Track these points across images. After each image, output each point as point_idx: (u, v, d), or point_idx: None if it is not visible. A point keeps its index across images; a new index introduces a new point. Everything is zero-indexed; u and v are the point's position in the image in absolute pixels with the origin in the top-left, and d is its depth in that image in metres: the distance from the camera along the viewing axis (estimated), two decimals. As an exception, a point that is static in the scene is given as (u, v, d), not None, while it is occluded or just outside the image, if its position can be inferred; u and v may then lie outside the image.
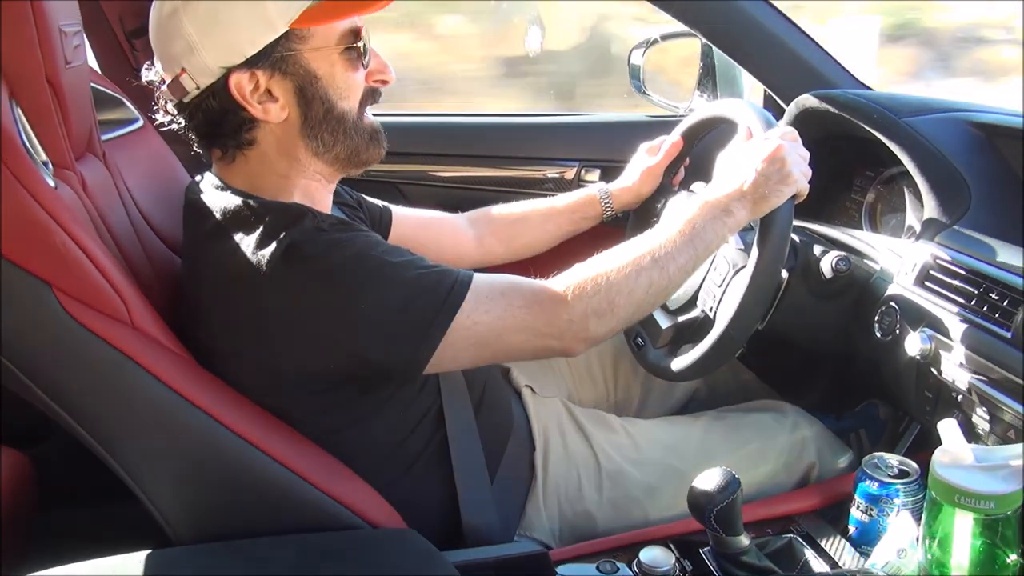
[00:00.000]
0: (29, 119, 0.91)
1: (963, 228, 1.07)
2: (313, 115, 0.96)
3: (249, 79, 0.92)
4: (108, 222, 0.99)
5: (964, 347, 0.96)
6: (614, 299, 0.95)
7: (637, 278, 0.96)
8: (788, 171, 0.99)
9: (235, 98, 0.93)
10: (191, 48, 0.91)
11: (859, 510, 0.97)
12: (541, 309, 0.94)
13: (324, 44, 0.95)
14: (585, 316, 0.94)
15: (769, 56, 1.42)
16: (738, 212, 1.00)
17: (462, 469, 1.04)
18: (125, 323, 0.87)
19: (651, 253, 0.97)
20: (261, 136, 0.97)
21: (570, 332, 0.95)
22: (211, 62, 0.92)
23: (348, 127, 0.98)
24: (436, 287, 0.91)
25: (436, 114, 2.42)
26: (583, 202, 1.36)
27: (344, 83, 0.97)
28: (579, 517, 1.12)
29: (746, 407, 1.31)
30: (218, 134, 0.97)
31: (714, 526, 0.88)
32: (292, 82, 0.94)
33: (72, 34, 0.98)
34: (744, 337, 1.05)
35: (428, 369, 0.92)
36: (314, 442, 0.95)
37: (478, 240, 1.35)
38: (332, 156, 0.99)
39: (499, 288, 0.94)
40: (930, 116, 1.16)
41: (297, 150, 0.98)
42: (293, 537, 0.88)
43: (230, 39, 0.91)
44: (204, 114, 0.95)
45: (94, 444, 0.88)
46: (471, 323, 0.91)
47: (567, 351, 0.97)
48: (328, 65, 0.95)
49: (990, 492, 0.76)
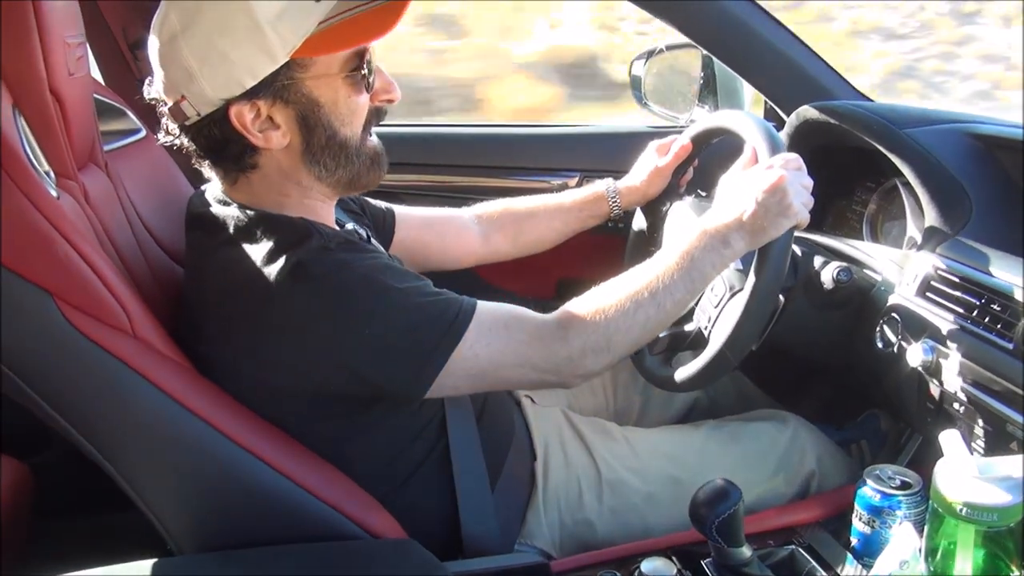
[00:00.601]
0: (32, 129, 0.92)
1: (964, 239, 1.07)
2: (315, 142, 0.95)
3: (250, 108, 0.91)
4: (110, 232, 1.00)
5: (965, 358, 0.96)
6: (612, 336, 0.96)
7: (635, 315, 0.97)
8: (788, 203, 0.98)
9: (236, 127, 0.92)
10: (190, 77, 0.89)
11: (861, 521, 0.96)
12: (541, 345, 0.95)
13: (327, 72, 0.93)
14: (583, 354, 0.96)
15: (770, 67, 1.42)
16: (736, 243, 0.99)
17: (463, 479, 1.04)
18: (126, 333, 0.87)
19: (648, 287, 0.98)
20: (263, 161, 0.96)
21: (568, 368, 0.96)
22: (211, 92, 0.90)
23: (350, 152, 0.97)
24: (441, 316, 0.91)
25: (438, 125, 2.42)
26: (591, 200, 1.35)
27: (347, 108, 0.95)
28: (579, 526, 1.12)
29: (747, 417, 1.31)
30: (220, 158, 0.96)
31: (716, 537, 0.88)
32: (294, 110, 0.93)
33: (75, 45, 0.99)
34: (738, 358, 1.05)
35: (427, 395, 0.93)
36: (314, 452, 0.95)
37: (484, 237, 1.35)
38: (334, 180, 0.99)
39: (502, 320, 0.95)
40: (930, 127, 1.16)
41: (299, 174, 0.97)
42: (293, 547, 0.88)
43: (229, 69, 0.88)
44: (205, 139, 0.94)
45: (94, 453, 0.88)
46: (472, 355, 0.92)
47: (563, 385, 1.00)
48: (331, 92, 0.94)
49: (992, 504, 0.75)
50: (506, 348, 0.94)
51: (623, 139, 1.72)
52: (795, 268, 1.14)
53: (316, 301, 0.88)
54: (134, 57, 1.61)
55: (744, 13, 1.39)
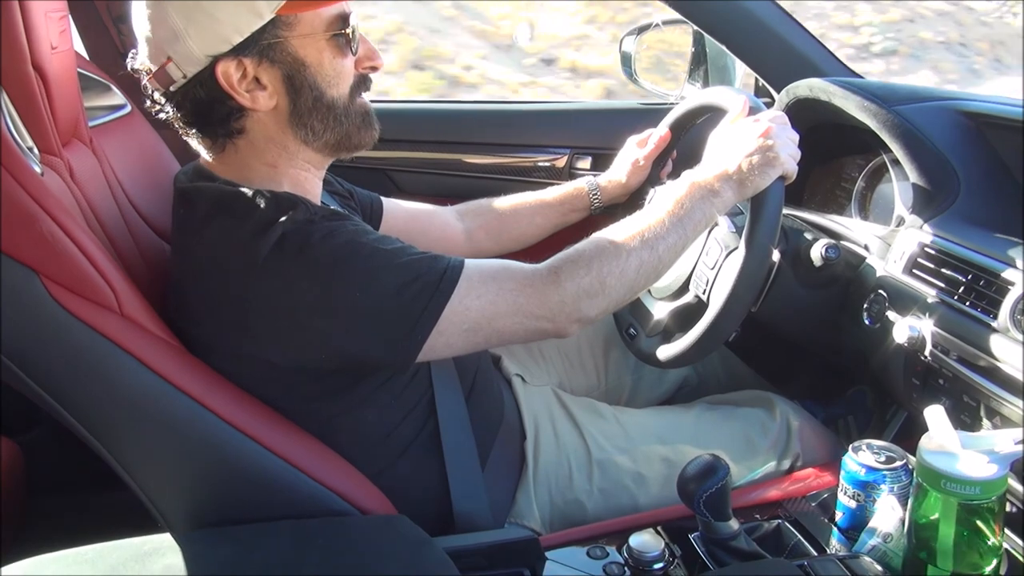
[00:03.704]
0: (15, 105, 0.91)
1: (952, 216, 1.07)
2: (302, 103, 0.95)
3: (236, 67, 0.91)
4: (95, 209, 0.99)
5: (951, 335, 0.97)
6: (605, 279, 0.95)
7: (628, 258, 0.97)
8: (775, 152, 1.00)
9: (222, 87, 0.92)
10: (176, 36, 0.90)
11: (846, 496, 0.97)
12: (533, 291, 0.94)
13: (311, 31, 0.93)
14: (577, 297, 0.95)
15: (760, 44, 1.42)
16: (725, 192, 1.01)
17: (453, 457, 1.04)
18: (113, 311, 0.87)
19: (640, 234, 0.98)
20: (250, 125, 0.96)
21: (562, 313, 0.95)
22: (197, 50, 0.90)
23: (338, 113, 0.98)
24: (428, 273, 0.91)
25: (427, 101, 2.40)
26: (571, 195, 1.36)
27: (333, 70, 0.96)
28: (569, 505, 1.13)
29: (735, 396, 1.32)
30: (206, 123, 0.96)
31: (703, 511, 0.89)
32: (280, 70, 0.93)
33: (58, 19, 0.97)
34: (738, 319, 1.05)
35: (421, 356, 0.92)
36: (304, 429, 0.95)
37: (467, 233, 1.35)
38: (322, 143, 0.99)
39: (490, 272, 0.95)
40: (920, 104, 1.16)
41: (286, 138, 0.97)
42: (283, 523, 0.88)
43: (216, 27, 0.89)
44: (191, 103, 0.94)
45: (83, 432, 0.88)
46: (463, 308, 0.91)
47: (559, 332, 0.97)
48: (316, 52, 0.94)
49: (975, 478, 0.77)
50: (497, 298, 0.93)
51: (613, 115, 1.71)
52: (785, 242, 1.14)
53: (303, 271, 0.88)
54: (118, 32, 1.59)
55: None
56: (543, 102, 1.89)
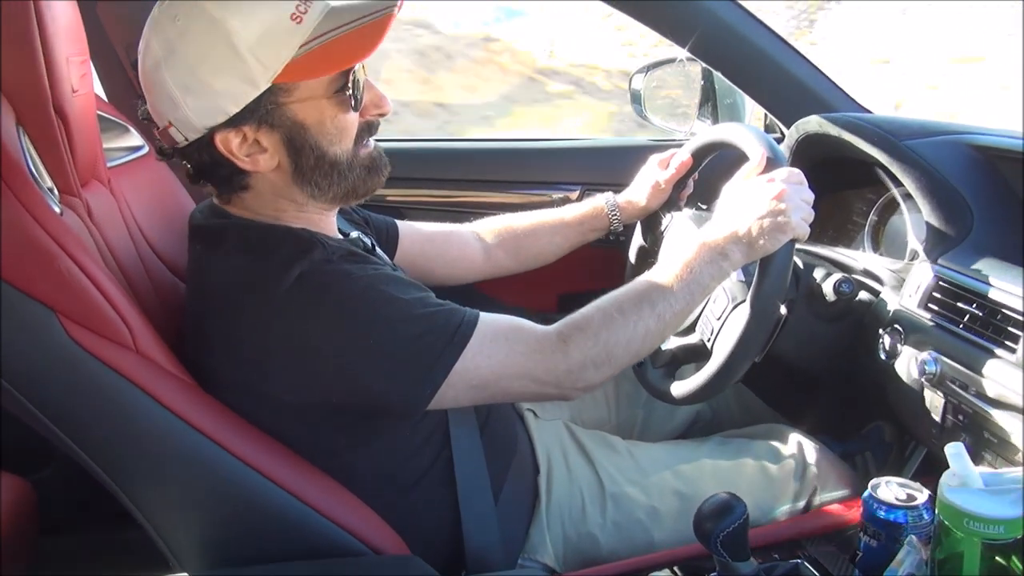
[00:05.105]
0: (36, 146, 0.92)
1: (966, 250, 1.07)
2: (304, 163, 0.94)
3: (235, 134, 0.90)
4: (113, 249, 1.00)
5: (969, 370, 0.96)
6: (612, 350, 0.96)
7: (635, 327, 0.97)
8: (787, 218, 0.98)
9: (223, 153, 0.91)
10: (175, 105, 0.89)
11: (867, 535, 0.96)
12: (542, 358, 0.95)
13: (311, 95, 0.91)
14: (583, 367, 0.96)
15: (769, 80, 1.43)
16: (734, 254, 1.00)
17: (466, 491, 1.04)
18: (129, 349, 0.87)
19: (648, 299, 0.98)
20: (254, 182, 0.96)
21: (568, 381, 0.97)
22: (195, 120, 0.90)
23: (342, 169, 0.96)
24: (444, 327, 0.91)
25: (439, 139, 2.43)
26: (591, 214, 1.36)
27: (335, 128, 0.94)
28: (583, 539, 1.11)
29: (750, 431, 1.30)
30: (212, 181, 0.97)
31: (720, 551, 0.87)
32: (280, 133, 0.92)
33: (79, 63, 0.99)
34: (741, 371, 1.05)
35: (429, 407, 0.93)
36: (314, 464, 0.95)
37: (485, 253, 1.36)
38: (329, 196, 0.98)
39: (503, 332, 0.95)
40: (930, 139, 1.16)
41: (293, 193, 0.97)
42: (296, 564, 0.87)
43: (212, 97, 0.88)
44: (195, 163, 0.95)
45: (96, 469, 0.88)
46: (474, 366, 0.92)
47: (564, 397, 1.00)
48: (317, 114, 0.92)
49: (998, 516, 0.75)
50: (507, 360, 0.94)
51: (624, 152, 1.72)
52: (796, 280, 1.14)
53: (319, 313, 0.88)
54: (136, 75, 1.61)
55: (743, 26, 1.40)
56: (555, 139, 1.91)
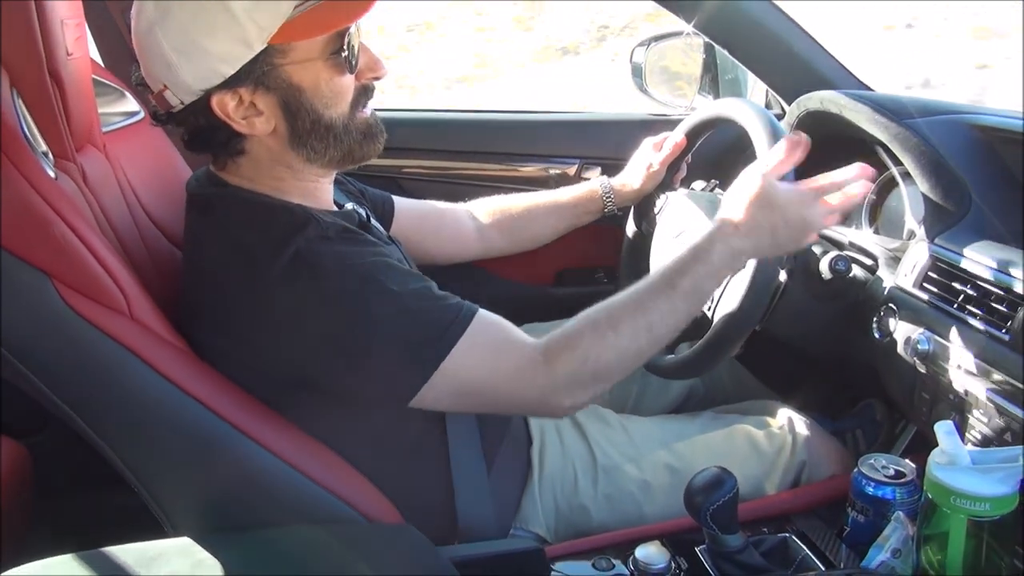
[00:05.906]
0: (30, 110, 0.91)
1: (963, 230, 1.07)
2: (300, 126, 0.94)
3: (231, 96, 0.90)
4: (108, 214, 1.00)
5: (962, 349, 0.96)
6: (600, 372, 0.95)
7: (628, 347, 0.95)
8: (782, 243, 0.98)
9: (219, 116, 0.91)
10: (169, 67, 0.88)
11: (855, 510, 0.97)
12: (530, 376, 0.93)
13: (307, 56, 0.91)
14: (570, 390, 0.95)
15: (771, 56, 1.42)
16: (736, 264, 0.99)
17: (459, 461, 1.04)
18: (124, 315, 0.87)
19: (645, 317, 0.95)
20: (251, 147, 0.95)
21: (554, 400, 0.95)
22: (191, 83, 0.89)
23: (338, 132, 0.96)
24: (434, 326, 0.90)
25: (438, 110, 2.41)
26: (585, 197, 1.37)
27: (331, 91, 0.93)
28: (575, 511, 1.12)
29: (743, 406, 1.31)
30: (208, 146, 0.96)
31: (710, 524, 0.88)
32: (276, 96, 0.91)
33: (74, 25, 0.98)
34: (741, 339, 1.05)
35: (411, 404, 0.92)
36: (311, 432, 0.96)
37: (480, 232, 1.36)
38: (326, 160, 0.98)
39: (493, 341, 0.94)
40: (931, 118, 1.15)
41: (289, 157, 0.96)
42: (289, 529, 0.88)
43: (207, 59, 0.87)
44: (191, 127, 0.94)
45: (91, 435, 0.88)
46: (456, 372, 0.90)
47: (550, 415, 1.01)
48: (312, 76, 0.92)
49: (985, 494, 0.76)
50: (492, 375, 0.93)
51: (623, 126, 1.71)
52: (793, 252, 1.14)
53: (312, 295, 0.88)
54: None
55: (744, 1, 1.38)
56: (553, 112, 1.90)
